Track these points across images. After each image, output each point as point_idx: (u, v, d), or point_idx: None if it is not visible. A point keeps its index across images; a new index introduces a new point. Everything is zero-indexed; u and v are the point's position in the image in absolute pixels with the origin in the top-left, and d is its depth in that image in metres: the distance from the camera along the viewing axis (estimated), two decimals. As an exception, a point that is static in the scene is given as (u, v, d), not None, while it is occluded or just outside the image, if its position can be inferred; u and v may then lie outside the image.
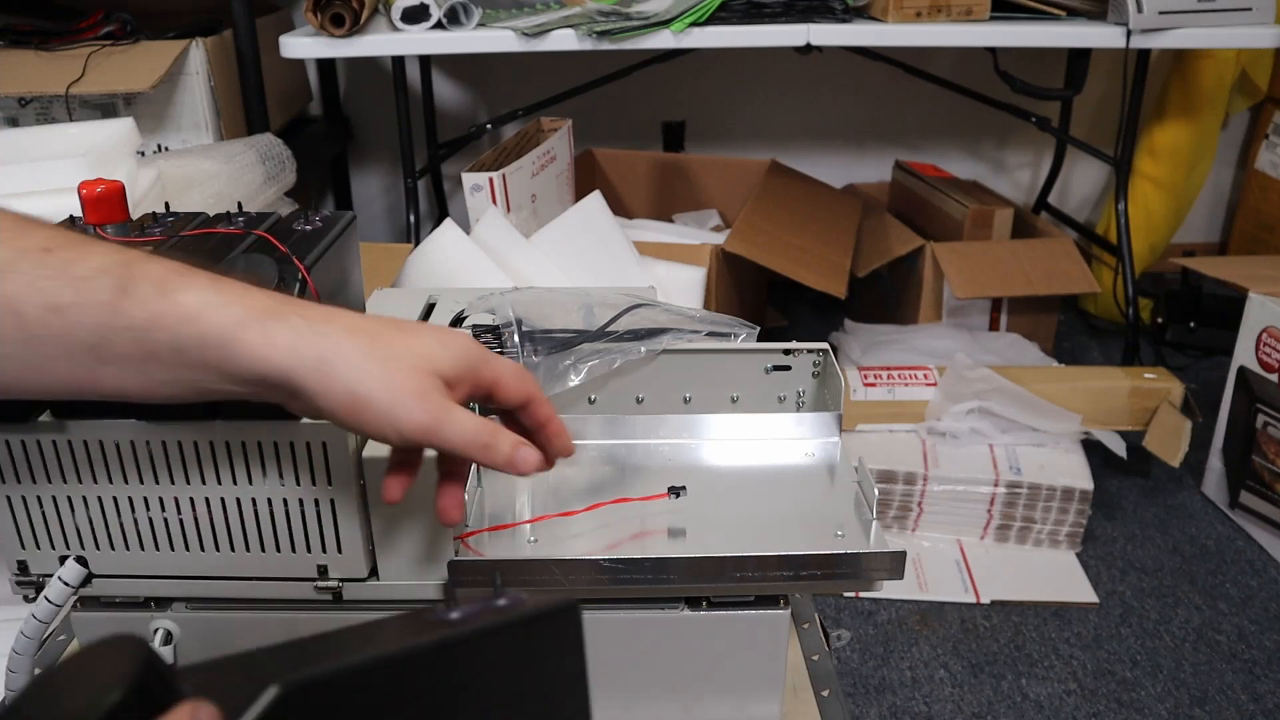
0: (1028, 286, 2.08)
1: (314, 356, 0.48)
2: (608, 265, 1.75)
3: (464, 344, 0.53)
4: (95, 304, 0.46)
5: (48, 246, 0.47)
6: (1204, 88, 2.36)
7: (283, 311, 0.49)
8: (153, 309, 0.47)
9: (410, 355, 0.50)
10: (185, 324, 0.47)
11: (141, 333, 0.47)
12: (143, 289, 0.47)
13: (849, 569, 0.63)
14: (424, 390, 0.49)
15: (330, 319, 0.50)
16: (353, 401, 0.48)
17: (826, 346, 0.77)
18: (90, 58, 1.82)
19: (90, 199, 0.63)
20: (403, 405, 0.49)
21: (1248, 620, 1.60)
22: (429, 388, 0.50)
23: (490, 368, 0.53)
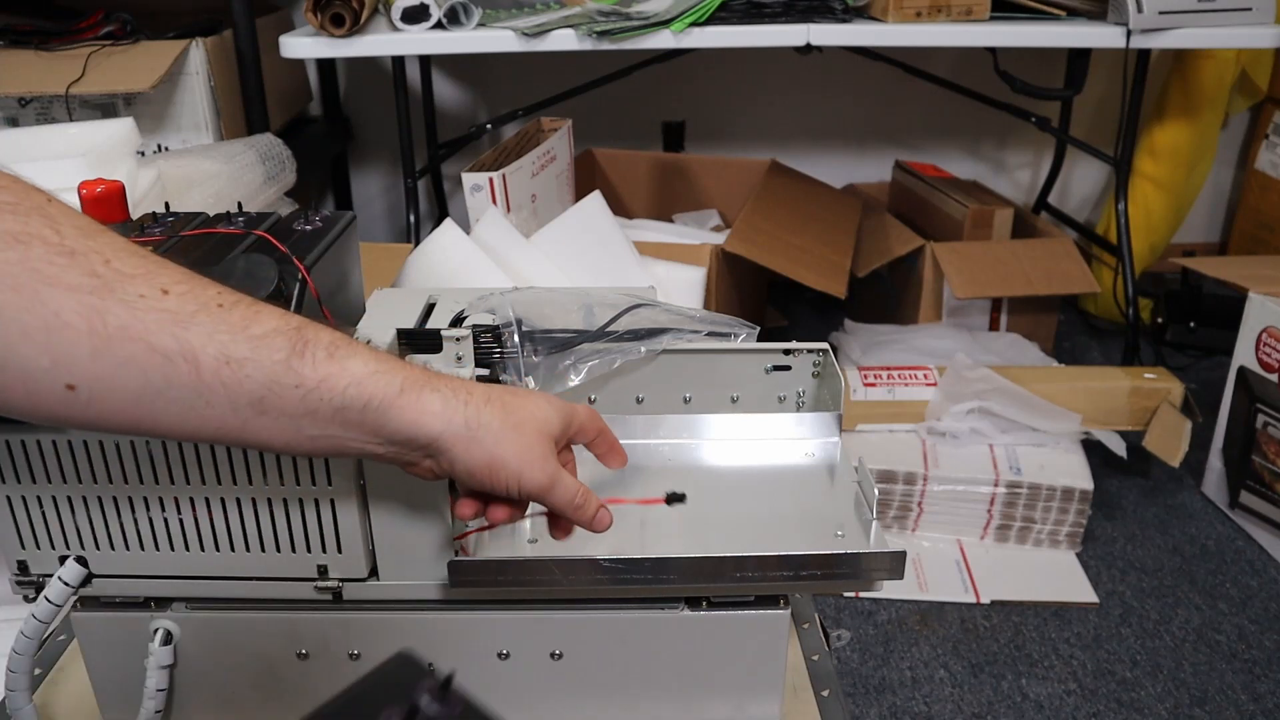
0: (1028, 286, 2.08)
1: (461, 423, 0.54)
2: (608, 265, 1.75)
3: (564, 405, 0.60)
4: (270, 361, 0.50)
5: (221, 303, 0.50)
6: (1204, 88, 2.36)
7: (434, 382, 0.54)
8: (323, 371, 0.51)
9: (533, 421, 0.57)
10: (353, 387, 0.52)
11: (308, 391, 0.51)
12: (315, 353, 0.51)
13: (849, 569, 0.63)
14: (545, 455, 0.57)
15: (471, 390, 0.56)
16: (489, 463, 0.55)
17: (826, 346, 0.77)
18: (90, 58, 1.82)
19: (90, 199, 0.63)
20: (530, 468, 0.56)
21: (1248, 620, 1.60)
22: (548, 452, 0.57)
23: (577, 419, 0.61)
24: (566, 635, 0.67)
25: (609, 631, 0.66)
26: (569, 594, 0.65)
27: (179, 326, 0.48)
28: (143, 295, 0.48)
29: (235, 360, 0.49)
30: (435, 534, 0.63)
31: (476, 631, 0.66)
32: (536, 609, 0.66)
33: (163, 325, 0.48)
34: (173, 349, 0.48)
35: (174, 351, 0.48)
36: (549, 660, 0.67)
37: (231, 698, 0.68)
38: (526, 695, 0.68)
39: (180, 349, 0.48)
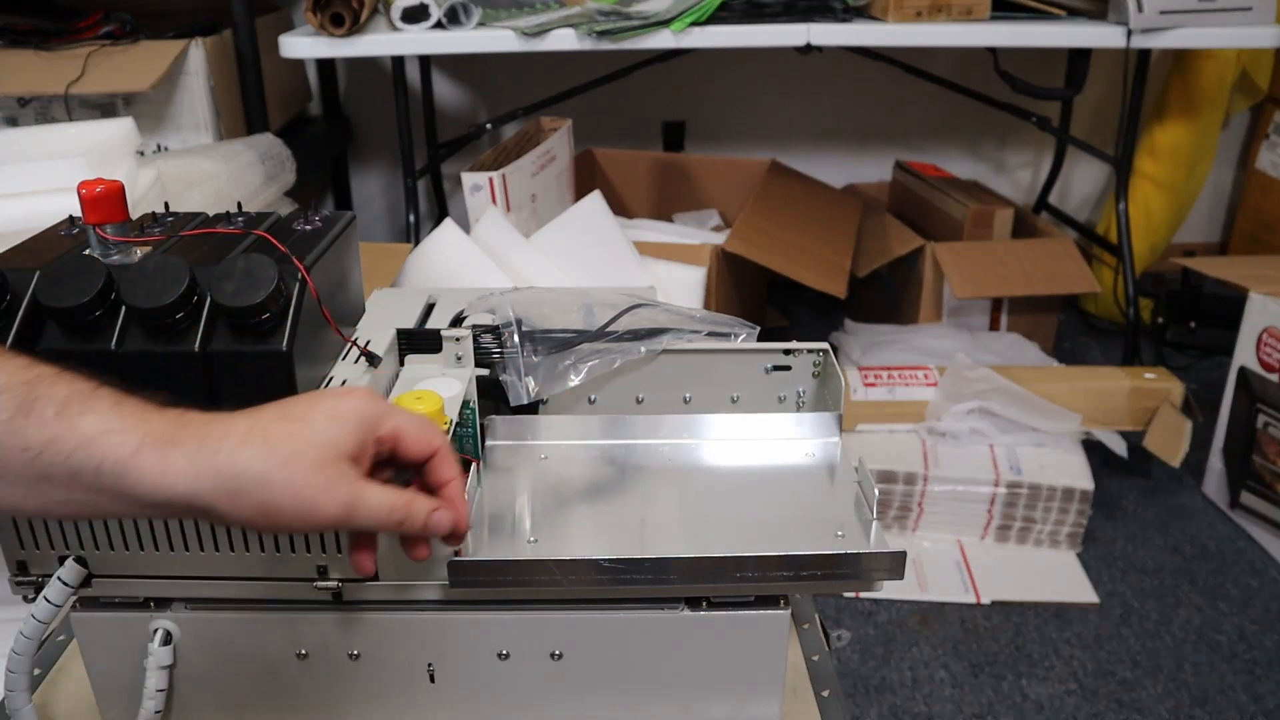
0: (1028, 286, 2.08)
1: (213, 478, 0.48)
2: (608, 265, 1.75)
3: (357, 408, 0.53)
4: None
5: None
6: (1204, 87, 2.36)
7: (179, 437, 0.49)
8: (50, 432, 0.47)
9: (309, 449, 0.50)
10: (81, 449, 0.47)
11: (36, 454, 0.47)
12: (43, 410, 0.47)
13: (849, 569, 0.63)
14: (329, 483, 0.50)
15: (225, 434, 0.50)
16: (264, 513, 0.49)
17: (826, 346, 0.77)
18: (90, 58, 1.82)
19: (90, 199, 0.63)
20: (312, 505, 0.50)
21: (1248, 620, 1.60)
22: (334, 478, 0.50)
23: (388, 424, 0.53)
24: (566, 635, 0.67)
25: (609, 632, 0.66)
26: (569, 594, 0.64)
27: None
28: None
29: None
30: (435, 534, 0.63)
31: (476, 631, 0.66)
32: (536, 609, 0.66)
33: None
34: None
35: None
36: (549, 660, 0.67)
37: (231, 698, 0.68)
38: (526, 695, 0.68)
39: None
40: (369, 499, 0.51)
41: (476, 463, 0.69)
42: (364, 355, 0.67)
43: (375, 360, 0.67)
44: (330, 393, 0.54)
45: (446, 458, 0.56)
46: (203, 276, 0.60)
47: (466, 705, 0.69)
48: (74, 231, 0.69)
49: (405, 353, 0.74)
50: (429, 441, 0.55)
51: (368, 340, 0.70)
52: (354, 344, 0.69)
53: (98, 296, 0.58)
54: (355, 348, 0.68)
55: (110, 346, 0.59)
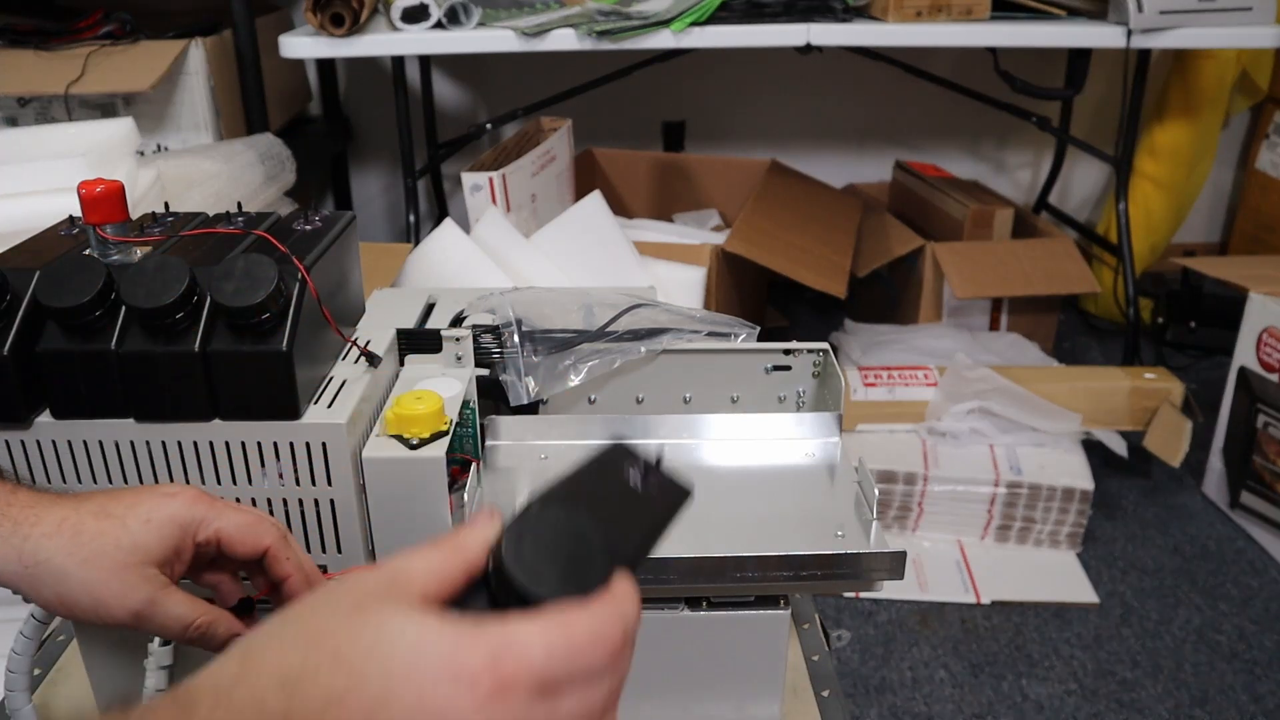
0: (1028, 286, 2.08)
1: (17, 562, 0.50)
2: (608, 265, 1.75)
3: (175, 514, 0.53)
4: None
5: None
6: (1204, 87, 2.36)
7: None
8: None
9: (114, 550, 0.51)
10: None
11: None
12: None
13: (849, 569, 0.63)
14: (125, 588, 0.51)
15: (39, 519, 0.51)
16: (60, 601, 0.51)
17: (827, 346, 0.77)
18: (90, 58, 1.82)
19: (90, 199, 0.63)
20: (104, 606, 0.51)
21: (1248, 620, 1.60)
22: (134, 582, 0.51)
23: (208, 528, 0.54)
24: (566, 635, 0.66)
25: (609, 632, 0.66)
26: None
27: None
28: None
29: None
30: (435, 534, 0.63)
31: (476, 632, 0.66)
32: (536, 609, 0.66)
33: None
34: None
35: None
36: (549, 660, 0.67)
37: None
38: (526, 695, 0.68)
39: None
40: (166, 609, 0.52)
41: (476, 463, 0.69)
42: (364, 355, 0.67)
43: (375, 360, 0.67)
44: (155, 493, 0.54)
45: (280, 554, 0.55)
46: (203, 276, 0.60)
47: (466, 705, 0.69)
48: (74, 231, 0.69)
49: (405, 353, 0.74)
50: (256, 541, 0.55)
51: (368, 340, 0.70)
52: (354, 344, 0.69)
53: (98, 296, 0.58)
54: (355, 348, 0.68)
55: (110, 346, 0.59)
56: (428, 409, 0.62)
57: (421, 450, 0.61)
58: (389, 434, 0.62)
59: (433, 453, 0.61)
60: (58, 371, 0.59)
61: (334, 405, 0.62)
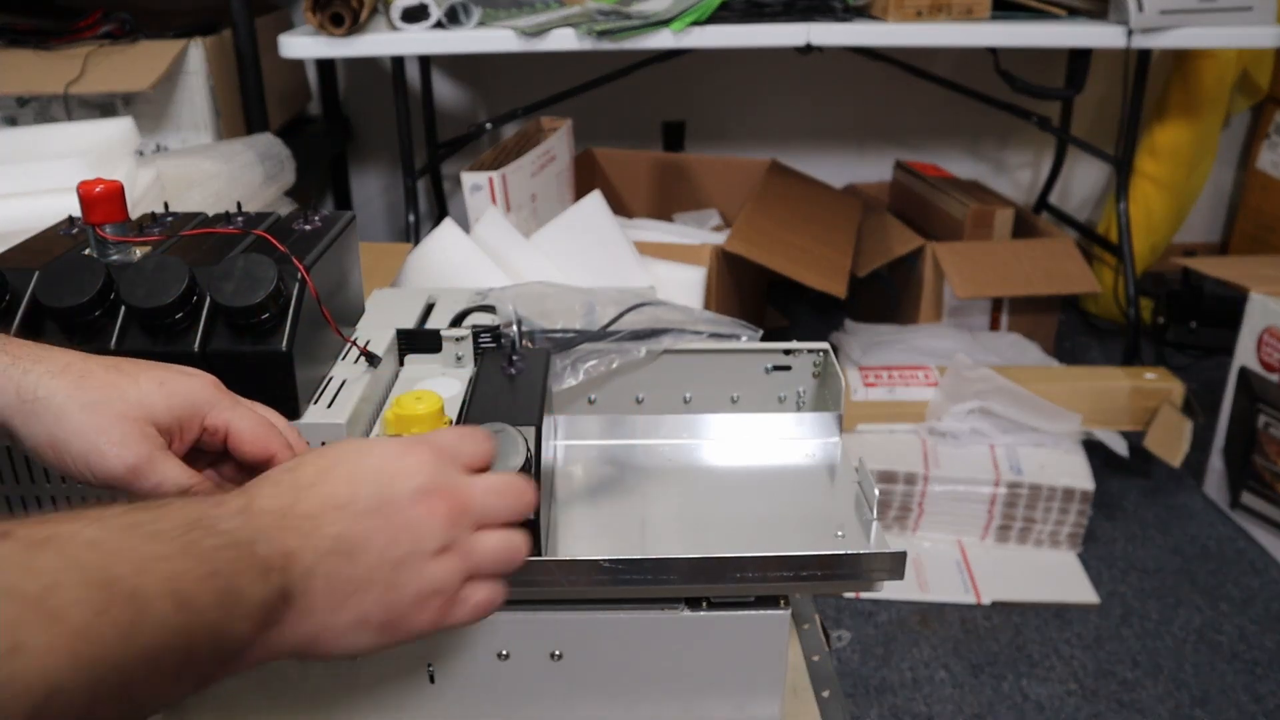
0: (1028, 286, 2.08)
1: (14, 393, 0.48)
2: (608, 265, 1.75)
3: (191, 386, 0.51)
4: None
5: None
6: (1205, 87, 2.36)
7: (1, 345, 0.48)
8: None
9: (119, 400, 0.49)
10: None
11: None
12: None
13: (849, 569, 0.63)
14: (125, 438, 0.48)
15: (42, 358, 0.49)
16: (51, 443, 0.48)
17: (827, 346, 0.77)
18: (89, 57, 1.81)
19: (89, 198, 0.63)
20: (98, 453, 0.48)
21: (1249, 621, 1.60)
22: (132, 435, 0.49)
23: (219, 415, 0.52)
24: (566, 635, 0.66)
25: (609, 632, 0.66)
26: (569, 594, 0.64)
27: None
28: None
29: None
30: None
31: (476, 631, 0.66)
32: (536, 609, 0.66)
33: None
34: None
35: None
36: (549, 660, 0.67)
37: (231, 699, 0.68)
38: (526, 695, 0.68)
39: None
40: (164, 469, 0.49)
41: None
42: (364, 355, 0.67)
43: (375, 360, 0.67)
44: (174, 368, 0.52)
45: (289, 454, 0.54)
46: (202, 276, 0.60)
47: (466, 705, 0.69)
48: (74, 231, 0.69)
49: (405, 353, 0.74)
50: (265, 446, 0.53)
51: (367, 340, 0.70)
52: (354, 344, 0.69)
53: (97, 296, 0.58)
54: (355, 348, 0.68)
55: (110, 346, 0.59)
56: (428, 409, 0.62)
57: (421, 450, 0.61)
58: (389, 434, 0.62)
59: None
60: (57, 371, 0.59)
61: (334, 405, 0.62)
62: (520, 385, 0.67)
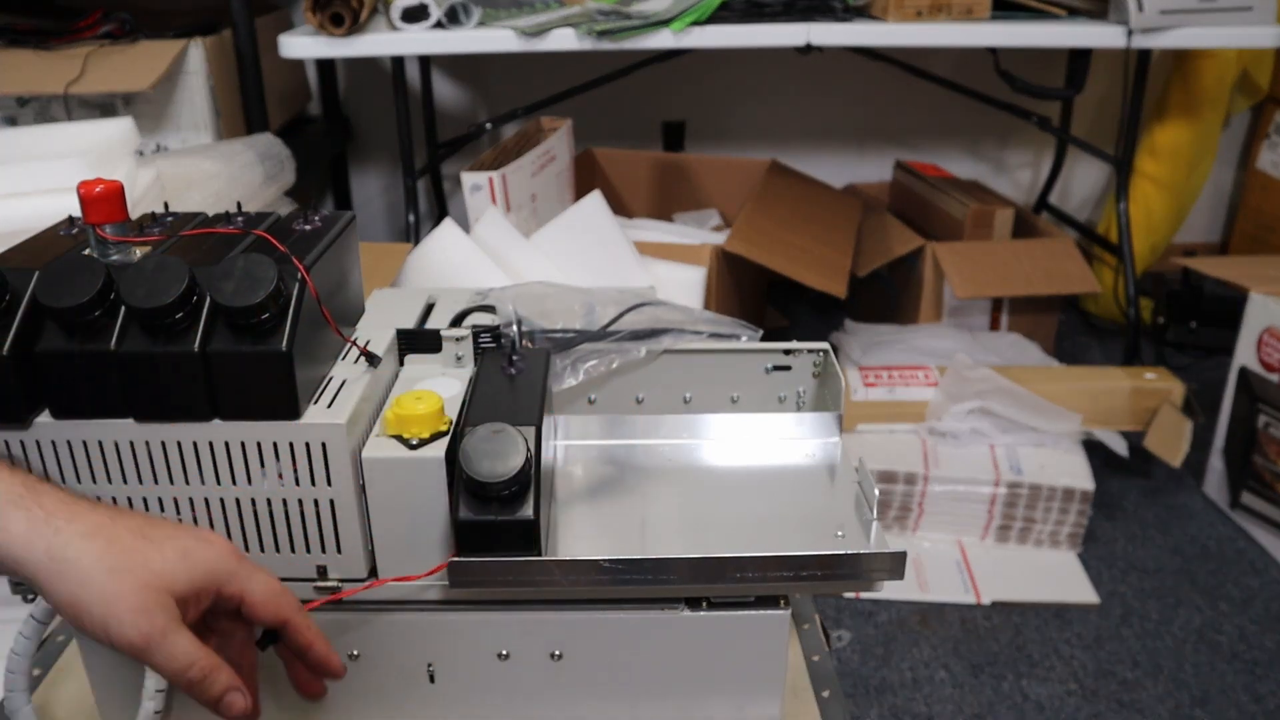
0: (1028, 286, 2.08)
1: (44, 551, 0.49)
2: (608, 265, 1.75)
3: (212, 557, 0.53)
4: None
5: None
6: (1205, 87, 2.36)
7: (25, 500, 0.50)
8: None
9: (142, 569, 0.51)
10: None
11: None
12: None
13: (849, 569, 0.63)
14: (144, 607, 0.50)
15: (74, 517, 0.50)
16: (73, 605, 0.50)
17: (827, 346, 0.77)
18: (89, 57, 1.81)
19: (89, 198, 0.63)
20: (116, 620, 0.50)
21: (1249, 621, 1.60)
22: (151, 605, 0.50)
23: (236, 584, 0.54)
24: (566, 635, 0.66)
25: (609, 632, 0.66)
26: (569, 594, 0.64)
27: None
28: None
29: None
30: (435, 534, 0.63)
31: (476, 631, 0.66)
32: (536, 609, 0.66)
33: None
34: None
35: None
36: (549, 660, 0.67)
37: (231, 698, 0.68)
38: (526, 695, 0.68)
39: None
40: (174, 642, 0.51)
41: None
42: (364, 355, 0.67)
43: (375, 360, 0.67)
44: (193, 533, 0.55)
45: (301, 625, 0.57)
46: (202, 276, 0.60)
47: (466, 705, 0.69)
48: (74, 231, 0.69)
49: (405, 353, 0.74)
50: (277, 611, 0.56)
51: (367, 340, 0.70)
52: (354, 344, 0.69)
53: (97, 296, 0.58)
54: (355, 348, 0.68)
55: (110, 346, 0.59)
56: (428, 409, 0.62)
57: (421, 450, 0.61)
58: (389, 434, 0.62)
59: (433, 453, 0.61)
60: (57, 371, 0.59)
61: (334, 405, 0.62)
62: (520, 385, 0.67)
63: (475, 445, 0.59)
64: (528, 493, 0.60)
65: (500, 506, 0.59)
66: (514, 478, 0.58)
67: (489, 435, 0.59)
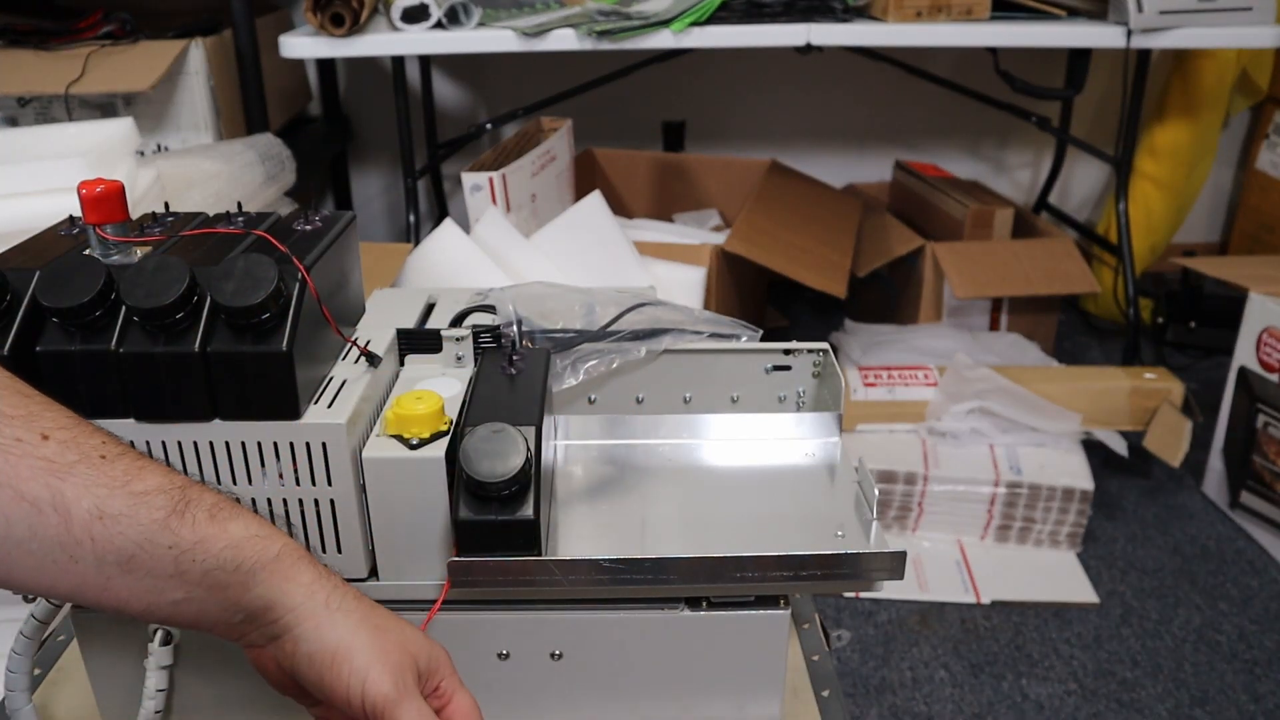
0: (1028, 286, 2.08)
1: (324, 599, 0.53)
2: (608, 265, 1.75)
3: (438, 652, 0.57)
4: (148, 520, 0.49)
5: (104, 454, 0.49)
6: (1204, 87, 2.36)
7: (311, 558, 0.54)
8: (202, 532, 0.51)
9: (399, 634, 0.55)
10: (230, 549, 0.51)
11: (183, 552, 0.50)
12: (197, 514, 0.51)
13: (849, 569, 0.63)
14: (401, 666, 0.53)
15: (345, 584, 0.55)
16: (336, 652, 0.53)
17: (827, 346, 0.77)
18: (90, 57, 1.82)
19: (90, 199, 0.63)
20: (377, 670, 0.52)
21: (1248, 620, 1.60)
22: (406, 667, 0.54)
23: (451, 684, 0.57)
24: (566, 635, 0.67)
25: (609, 632, 0.66)
26: (569, 594, 0.64)
27: (54, 476, 0.47)
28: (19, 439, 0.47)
29: (110, 516, 0.48)
30: (435, 534, 0.63)
31: (476, 631, 0.66)
32: (536, 609, 0.66)
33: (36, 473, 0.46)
34: (44, 498, 0.46)
35: (44, 501, 0.46)
36: (549, 660, 0.67)
37: (232, 699, 0.68)
38: (526, 695, 0.68)
39: (52, 499, 0.47)
40: (418, 706, 0.53)
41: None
42: (364, 355, 0.67)
43: (375, 360, 0.67)
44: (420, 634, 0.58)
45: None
46: (203, 276, 0.60)
47: (466, 705, 0.69)
48: (74, 231, 0.69)
49: (405, 353, 0.74)
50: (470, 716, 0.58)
51: (368, 340, 0.70)
52: (354, 344, 0.69)
53: (98, 296, 0.58)
54: (355, 348, 0.68)
55: (110, 346, 0.59)
56: (428, 409, 0.62)
57: (421, 450, 0.61)
58: (389, 434, 0.62)
59: (433, 453, 0.61)
60: (58, 371, 0.59)
61: (334, 405, 0.62)
62: (520, 385, 0.67)
63: (475, 445, 0.59)
64: (528, 493, 0.60)
65: (500, 506, 0.60)
66: (514, 478, 0.58)
67: (489, 435, 0.59)
